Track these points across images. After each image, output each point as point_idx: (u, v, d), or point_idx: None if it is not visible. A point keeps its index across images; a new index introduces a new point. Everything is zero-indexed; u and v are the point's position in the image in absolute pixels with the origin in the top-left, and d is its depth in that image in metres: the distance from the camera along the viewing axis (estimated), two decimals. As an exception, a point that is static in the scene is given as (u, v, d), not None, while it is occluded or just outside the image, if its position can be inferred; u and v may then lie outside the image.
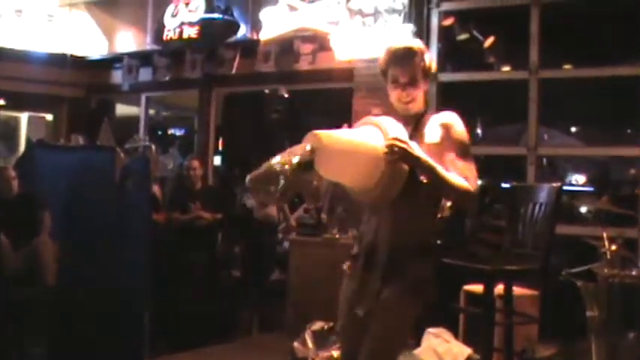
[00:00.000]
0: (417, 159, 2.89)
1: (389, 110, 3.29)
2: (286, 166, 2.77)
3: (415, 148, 2.89)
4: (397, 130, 2.95)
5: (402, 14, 7.38)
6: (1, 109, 11.08)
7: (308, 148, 2.80)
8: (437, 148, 3.01)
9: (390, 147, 2.84)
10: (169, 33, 9.52)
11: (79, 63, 10.79)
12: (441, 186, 2.98)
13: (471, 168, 3.01)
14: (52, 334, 5.85)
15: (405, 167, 2.91)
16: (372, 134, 2.98)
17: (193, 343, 6.16)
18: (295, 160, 2.77)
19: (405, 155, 2.86)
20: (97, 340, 5.76)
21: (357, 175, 3.00)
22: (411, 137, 3.00)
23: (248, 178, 2.88)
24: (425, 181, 2.97)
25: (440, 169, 2.92)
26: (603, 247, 4.46)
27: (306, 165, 2.78)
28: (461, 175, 2.97)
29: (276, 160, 2.82)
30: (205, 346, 6.15)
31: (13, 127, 11.43)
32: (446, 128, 3.06)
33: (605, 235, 4.50)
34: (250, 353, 5.94)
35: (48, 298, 5.88)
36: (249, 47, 8.89)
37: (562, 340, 5.18)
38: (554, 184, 5.07)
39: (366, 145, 2.95)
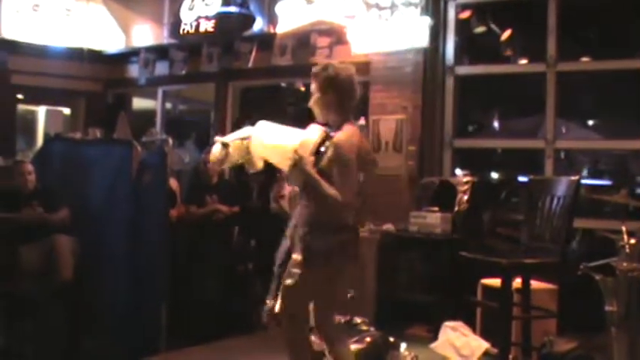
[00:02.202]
0: (302, 172, 3.81)
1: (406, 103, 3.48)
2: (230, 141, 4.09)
3: (307, 164, 3.80)
4: (310, 139, 3.92)
5: (419, 7, 7.34)
6: (19, 104, 11.13)
7: (248, 131, 4.10)
8: (331, 158, 3.82)
9: (292, 157, 3.80)
10: (186, 27, 9.51)
11: (96, 57, 10.82)
12: (317, 192, 3.80)
13: (342, 180, 3.76)
14: (68, 328, 5.88)
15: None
16: (302, 134, 4.01)
17: (210, 336, 6.16)
18: (236, 137, 4.12)
19: (295, 165, 3.79)
20: (114, 334, 5.78)
21: (278, 161, 4.09)
22: (325, 144, 3.88)
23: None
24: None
25: (315, 180, 3.79)
26: (622, 241, 4.42)
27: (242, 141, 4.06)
28: (335, 188, 3.74)
29: (225, 138, 4.15)
30: (222, 340, 6.16)
31: (30, 121, 11.50)
32: (335, 147, 3.81)
33: (624, 228, 4.47)
34: (267, 346, 5.93)
35: (64, 292, 5.91)
36: (266, 41, 8.88)
37: (580, 335, 5.14)
38: (573, 177, 5.05)
39: (286, 141, 4.01)
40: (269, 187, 7.64)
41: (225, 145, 4.11)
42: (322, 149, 3.90)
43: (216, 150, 4.17)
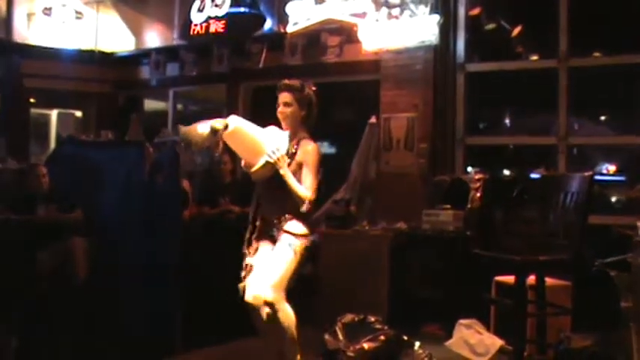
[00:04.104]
0: (280, 167, 4.52)
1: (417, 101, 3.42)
2: (208, 127, 4.48)
3: (283, 161, 4.53)
4: (282, 142, 4.61)
5: (429, 5, 7.34)
6: (32, 107, 11.19)
7: (226, 121, 4.51)
8: (300, 161, 4.61)
9: (271, 153, 4.52)
10: (196, 28, 9.55)
11: (107, 59, 10.88)
12: (289, 187, 4.54)
13: (312, 182, 4.57)
14: (83, 329, 5.89)
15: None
16: (271, 135, 4.66)
17: (225, 336, 6.17)
18: (214, 125, 4.47)
19: (276, 162, 4.52)
20: (130, 335, 5.79)
21: (246, 154, 4.66)
22: (294, 149, 4.64)
23: (181, 129, 4.74)
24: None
25: (290, 178, 4.54)
26: (637, 237, 4.40)
27: (218, 130, 4.47)
28: (305, 184, 4.56)
29: (202, 123, 4.54)
30: (236, 340, 6.16)
31: (43, 124, 11.55)
32: (306, 153, 4.61)
33: (639, 224, 4.44)
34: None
35: (79, 294, 5.93)
36: (276, 40, 8.89)
37: (595, 332, 5.12)
38: (586, 173, 5.02)
39: (260, 139, 4.60)
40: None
41: (213, 131, 4.51)
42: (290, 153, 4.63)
43: (204, 130, 4.55)
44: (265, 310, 4.61)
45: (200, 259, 6.91)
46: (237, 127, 4.58)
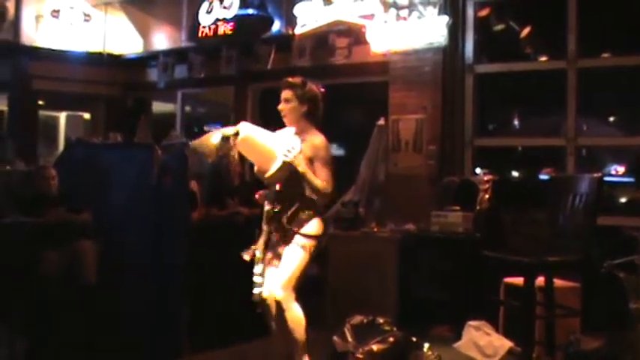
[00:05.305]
0: (297, 165, 4.54)
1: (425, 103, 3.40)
2: (219, 136, 4.59)
3: (300, 160, 4.56)
4: (294, 142, 4.63)
5: (438, 6, 7.33)
6: (41, 109, 11.22)
7: (236, 128, 4.59)
8: (311, 157, 4.64)
9: (287, 153, 4.53)
10: (204, 30, 9.56)
11: (116, 62, 10.90)
12: (307, 183, 4.59)
13: (328, 174, 4.63)
14: (90, 330, 5.90)
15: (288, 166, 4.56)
16: (281, 138, 4.68)
17: (233, 339, 6.17)
18: (225, 132, 4.58)
19: (293, 161, 4.53)
20: (136, 338, 5.80)
21: (258, 160, 4.72)
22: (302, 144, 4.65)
23: (192, 143, 5.15)
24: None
25: (308, 174, 4.58)
26: (645, 238, 4.38)
27: (229, 138, 4.57)
28: (320, 179, 4.60)
29: (213, 133, 4.65)
30: (244, 342, 6.17)
31: (52, 126, 11.59)
32: (316, 148, 4.66)
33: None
34: (287, 350, 5.92)
35: (87, 296, 5.93)
36: (285, 42, 8.89)
37: (604, 333, 5.10)
38: (595, 175, 5.00)
39: (270, 145, 4.63)
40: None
41: (225, 138, 4.59)
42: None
43: (216, 139, 4.66)
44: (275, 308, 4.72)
45: (208, 260, 6.92)
46: (248, 135, 4.62)
